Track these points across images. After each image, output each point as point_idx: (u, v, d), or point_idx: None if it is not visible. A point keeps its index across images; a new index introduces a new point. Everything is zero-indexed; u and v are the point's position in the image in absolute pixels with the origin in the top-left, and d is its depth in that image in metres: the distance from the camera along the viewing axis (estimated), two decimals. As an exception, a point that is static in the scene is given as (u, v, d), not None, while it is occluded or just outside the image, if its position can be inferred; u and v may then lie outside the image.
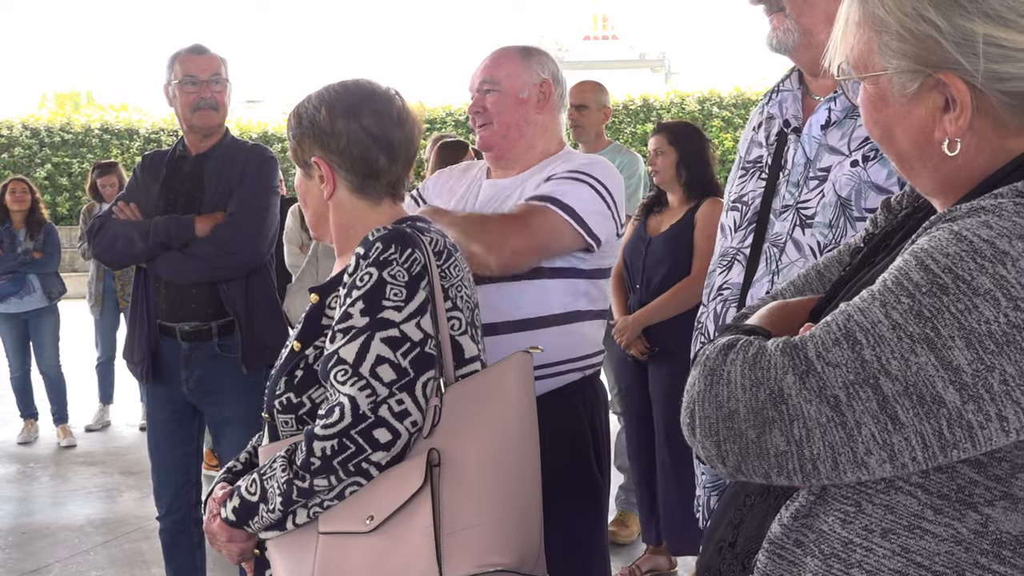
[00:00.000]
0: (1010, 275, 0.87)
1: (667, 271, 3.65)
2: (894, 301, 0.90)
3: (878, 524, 0.97)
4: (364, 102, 1.73)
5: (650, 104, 16.41)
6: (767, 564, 1.03)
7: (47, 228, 6.44)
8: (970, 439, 0.88)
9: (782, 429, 0.93)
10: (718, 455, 0.97)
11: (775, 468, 0.94)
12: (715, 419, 0.97)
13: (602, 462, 2.29)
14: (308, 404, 1.66)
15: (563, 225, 2.14)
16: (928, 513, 0.95)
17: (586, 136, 4.57)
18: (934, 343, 0.88)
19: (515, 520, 1.53)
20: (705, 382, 0.99)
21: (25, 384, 6.44)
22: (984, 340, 0.87)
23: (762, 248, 1.65)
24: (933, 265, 0.90)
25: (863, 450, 0.90)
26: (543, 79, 2.32)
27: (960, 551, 0.93)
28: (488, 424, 1.56)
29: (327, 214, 1.78)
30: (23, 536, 4.55)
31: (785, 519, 1.03)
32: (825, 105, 1.63)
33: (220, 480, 1.79)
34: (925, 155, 1.01)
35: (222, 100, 3.10)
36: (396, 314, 1.56)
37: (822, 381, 0.91)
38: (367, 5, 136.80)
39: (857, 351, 0.90)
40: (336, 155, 1.72)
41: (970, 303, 0.87)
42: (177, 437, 3.16)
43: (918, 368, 0.88)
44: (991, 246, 0.88)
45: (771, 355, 0.95)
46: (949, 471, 0.94)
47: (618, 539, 4.20)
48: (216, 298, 3.03)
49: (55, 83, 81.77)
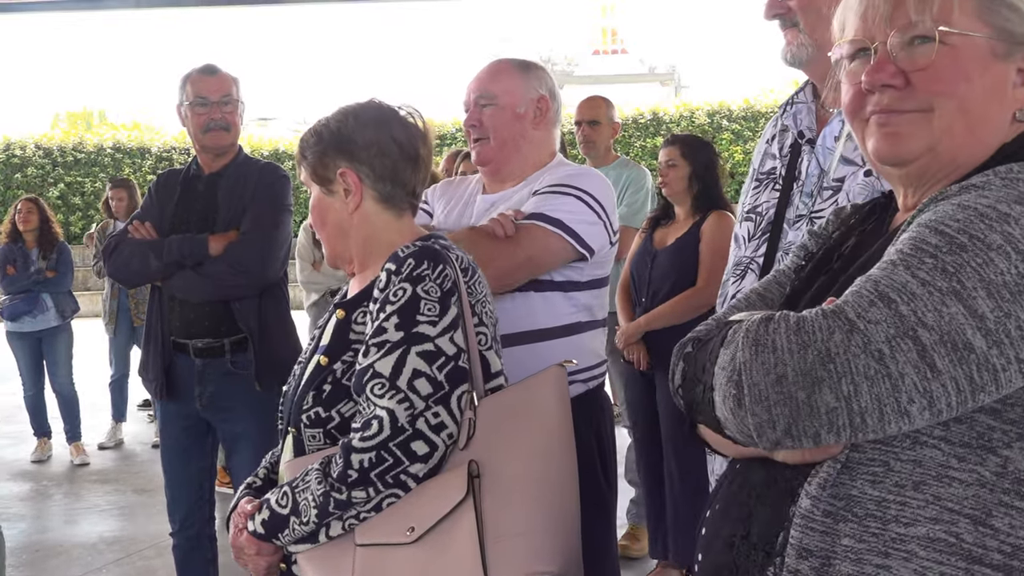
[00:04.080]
0: (1016, 232, 0.98)
1: (673, 284, 3.67)
2: (917, 263, 0.99)
3: (908, 478, 1.04)
4: (390, 115, 1.76)
5: (660, 118, 16.45)
6: (800, 538, 1.07)
7: (60, 247, 6.45)
8: (995, 382, 0.97)
9: (831, 387, 0.98)
10: (769, 420, 1.01)
11: (826, 426, 0.99)
12: (764, 385, 1.01)
13: (609, 474, 2.29)
14: (337, 418, 1.67)
15: (552, 239, 2.14)
16: (953, 462, 1.03)
17: (596, 151, 4.59)
18: (961, 295, 0.96)
19: (557, 529, 1.56)
20: (751, 351, 1.02)
21: (39, 403, 6.46)
22: (1001, 290, 0.96)
23: (775, 257, 1.67)
24: (947, 229, 0.99)
25: (906, 399, 0.97)
26: (541, 95, 2.31)
27: (985, 493, 1.02)
28: (527, 436, 1.59)
29: (348, 231, 1.77)
30: (37, 554, 4.55)
31: (812, 491, 1.08)
32: (839, 117, 1.64)
33: (243, 495, 1.79)
34: (991, 117, 1.11)
35: (233, 120, 3.12)
36: (431, 328, 1.59)
37: (866, 337, 0.97)
38: (378, 23, 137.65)
39: (894, 308, 0.98)
40: (365, 164, 1.73)
41: (986, 257, 0.97)
42: (191, 453, 3.18)
43: (950, 318, 0.96)
44: (994, 209, 0.99)
45: (813, 320, 1.00)
46: (968, 421, 1.02)
47: (630, 553, 4.18)
48: (229, 315, 3.05)
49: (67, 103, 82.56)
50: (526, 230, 2.13)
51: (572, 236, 2.15)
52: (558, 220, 2.14)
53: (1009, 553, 1.01)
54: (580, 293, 2.24)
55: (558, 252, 2.17)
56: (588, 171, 2.34)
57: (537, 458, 1.58)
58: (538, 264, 2.16)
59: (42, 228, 6.43)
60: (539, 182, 2.26)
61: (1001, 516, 1.01)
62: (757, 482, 1.16)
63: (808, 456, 1.09)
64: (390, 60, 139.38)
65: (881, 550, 1.04)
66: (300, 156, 1.80)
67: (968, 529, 1.01)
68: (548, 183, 2.23)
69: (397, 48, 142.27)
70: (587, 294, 2.26)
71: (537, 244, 2.13)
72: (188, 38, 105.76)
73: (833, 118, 1.66)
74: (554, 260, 2.18)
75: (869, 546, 1.04)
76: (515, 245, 2.11)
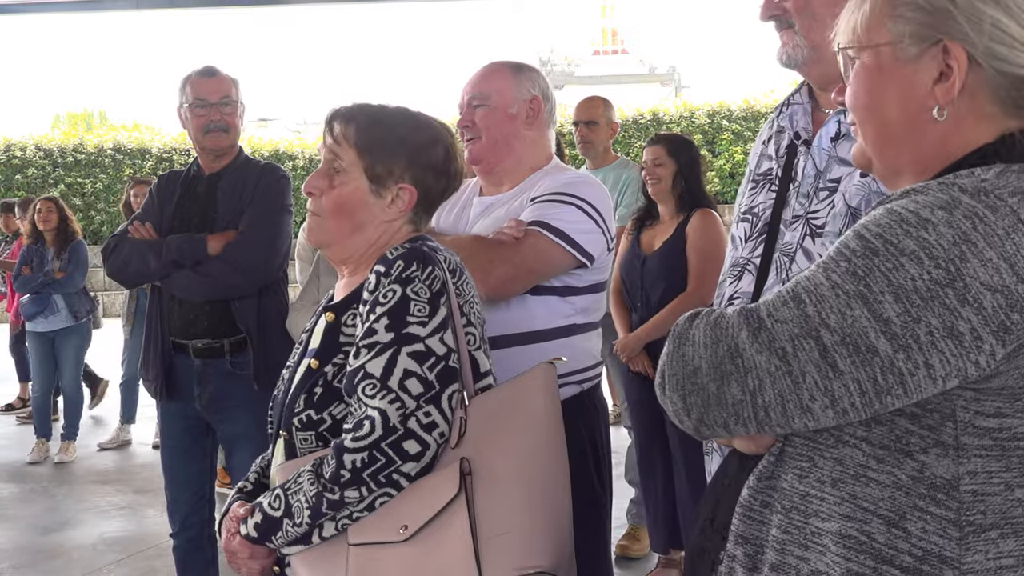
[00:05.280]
0: (931, 238, 0.98)
1: (664, 289, 3.72)
2: (834, 266, 1.03)
3: (828, 475, 1.08)
4: (454, 144, 1.81)
5: (660, 118, 16.42)
6: (739, 526, 1.13)
7: (73, 247, 6.42)
8: (901, 386, 0.99)
9: (738, 380, 1.04)
10: (684, 408, 1.08)
11: (732, 417, 1.05)
12: (681, 375, 1.08)
13: (603, 476, 2.30)
14: (329, 420, 1.68)
15: (553, 248, 2.16)
16: (872, 463, 1.06)
17: (594, 151, 4.59)
18: (867, 298, 0.99)
19: (549, 525, 1.58)
20: (673, 344, 1.10)
21: (45, 404, 6.45)
22: (911, 295, 0.98)
23: (772, 258, 1.67)
24: (866, 234, 1.02)
25: (807, 396, 1.01)
26: (533, 95, 2.33)
27: (901, 495, 1.04)
28: (517, 433, 1.61)
29: (367, 231, 1.76)
30: (37, 555, 4.56)
31: (751, 483, 1.13)
32: (835, 118, 1.65)
33: (234, 499, 1.80)
34: (911, 122, 1.12)
35: (232, 122, 3.13)
36: (421, 329, 1.60)
37: (771, 335, 1.03)
38: (378, 23, 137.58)
39: (801, 308, 1.02)
40: (422, 188, 1.76)
41: (897, 262, 0.99)
42: (191, 453, 3.18)
43: (853, 320, 0.99)
44: (915, 215, 1.00)
45: (729, 317, 1.07)
46: (888, 423, 1.04)
47: (630, 553, 4.19)
48: (228, 315, 3.06)
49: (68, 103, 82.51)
50: (529, 238, 2.14)
51: (573, 246, 2.17)
52: (559, 230, 2.16)
53: (920, 557, 1.03)
54: (577, 297, 2.26)
55: (559, 261, 2.19)
56: (586, 178, 2.35)
57: (528, 455, 1.60)
58: (540, 273, 2.18)
59: (60, 228, 6.42)
60: (537, 187, 2.27)
61: (915, 520, 1.03)
62: (731, 471, 1.21)
63: (753, 447, 1.15)
64: (390, 61, 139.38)
65: (802, 542, 1.08)
66: (359, 140, 1.73)
67: (880, 529, 1.04)
68: (547, 190, 2.24)
69: (397, 49, 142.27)
70: (584, 298, 2.28)
71: (540, 253, 2.15)
72: (188, 39, 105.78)
73: (829, 119, 1.67)
74: (555, 269, 2.20)
75: (792, 537, 1.08)
76: (518, 253, 2.13)
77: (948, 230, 0.98)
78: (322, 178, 1.76)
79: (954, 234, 0.98)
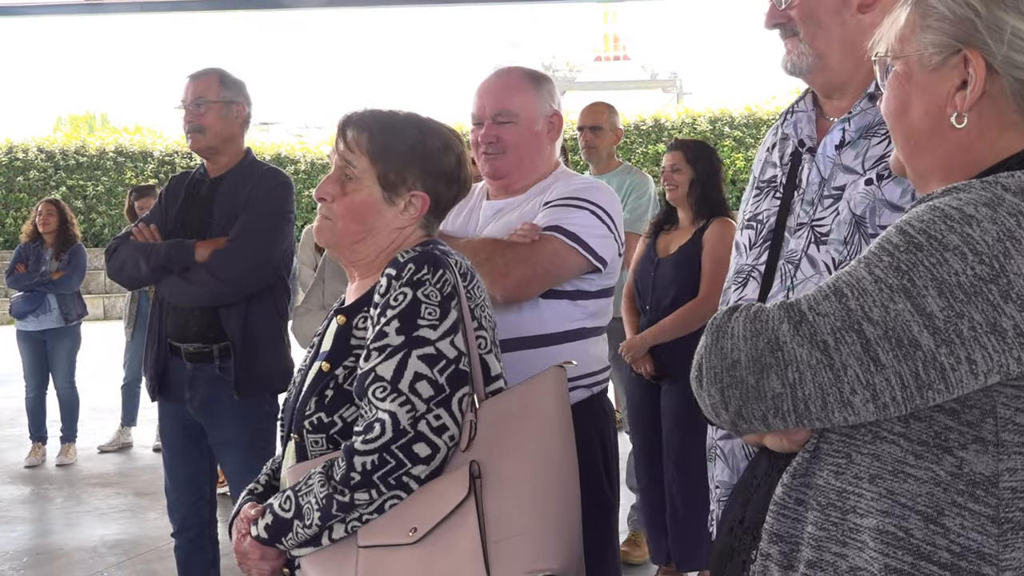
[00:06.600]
0: (975, 233, 0.99)
1: (676, 293, 3.70)
2: (876, 260, 1.03)
3: (866, 471, 1.08)
4: (464, 153, 1.81)
5: (661, 124, 16.46)
6: (773, 523, 1.13)
7: (73, 250, 6.45)
8: (943, 380, 0.99)
9: (778, 373, 1.04)
10: (721, 401, 1.08)
11: (771, 410, 1.05)
12: (719, 368, 1.08)
13: (612, 480, 2.31)
14: (340, 423, 1.68)
15: (568, 252, 2.17)
16: (910, 459, 1.05)
17: (598, 157, 4.59)
18: (910, 292, 0.99)
19: (559, 528, 1.58)
20: (712, 337, 1.10)
21: (39, 406, 6.45)
22: (954, 290, 0.98)
23: (777, 265, 1.67)
24: (910, 229, 1.03)
25: (848, 390, 1.01)
26: (554, 111, 2.35)
27: (939, 492, 1.04)
28: (528, 436, 1.62)
29: (378, 236, 1.77)
30: (38, 557, 4.56)
31: (785, 480, 1.13)
32: (839, 125, 1.65)
33: (245, 501, 1.80)
34: (933, 128, 1.13)
35: (206, 122, 3.10)
36: (431, 332, 1.61)
37: (813, 328, 1.03)
38: (379, 28, 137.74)
39: (843, 302, 1.02)
40: (433, 196, 1.77)
41: (941, 257, 0.99)
42: (189, 454, 3.19)
43: (896, 314, 0.99)
44: (959, 211, 1.01)
45: (769, 311, 1.07)
46: (927, 419, 1.04)
47: (631, 559, 4.19)
48: (217, 321, 3.05)
49: (70, 106, 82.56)
50: (544, 242, 2.16)
51: (587, 250, 2.19)
52: (574, 234, 2.18)
53: (958, 553, 1.03)
54: (588, 301, 2.28)
55: (574, 265, 2.20)
56: (597, 184, 2.37)
57: (537, 458, 1.61)
58: (555, 276, 2.20)
59: (60, 230, 6.45)
60: (550, 192, 2.28)
61: (953, 516, 1.03)
62: (760, 471, 1.21)
63: (786, 444, 1.14)
64: (393, 65, 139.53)
65: (839, 539, 1.08)
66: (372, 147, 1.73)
67: (918, 525, 1.04)
68: (560, 195, 2.25)
69: (400, 53, 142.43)
70: (595, 302, 2.29)
71: (556, 257, 2.17)
72: (190, 42, 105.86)
73: (833, 127, 1.67)
74: (570, 273, 2.22)
75: (829, 534, 1.08)
76: (534, 256, 2.14)
77: (992, 226, 0.99)
78: (334, 184, 1.76)
79: (998, 230, 0.99)
